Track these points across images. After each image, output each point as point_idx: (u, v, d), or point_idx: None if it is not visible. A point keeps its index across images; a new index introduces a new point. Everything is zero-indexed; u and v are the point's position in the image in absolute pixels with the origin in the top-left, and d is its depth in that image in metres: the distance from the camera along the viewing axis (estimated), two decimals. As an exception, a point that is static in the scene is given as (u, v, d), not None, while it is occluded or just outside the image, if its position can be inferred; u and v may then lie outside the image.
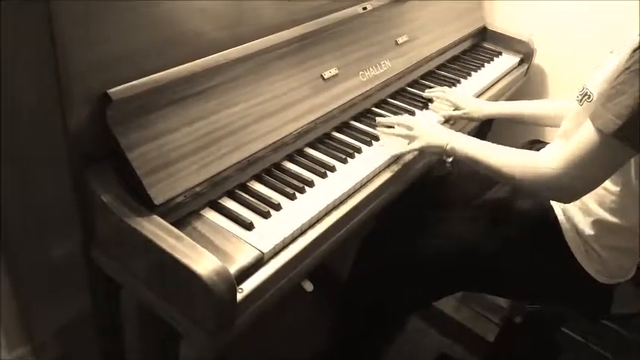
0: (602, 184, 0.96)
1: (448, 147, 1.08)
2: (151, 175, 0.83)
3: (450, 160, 1.14)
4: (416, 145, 1.13)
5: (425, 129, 1.14)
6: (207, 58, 0.93)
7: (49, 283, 1.13)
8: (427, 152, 1.15)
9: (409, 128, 1.16)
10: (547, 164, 0.93)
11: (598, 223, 1.01)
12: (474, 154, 1.05)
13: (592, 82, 0.97)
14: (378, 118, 1.25)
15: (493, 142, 1.06)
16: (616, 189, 0.98)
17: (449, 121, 1.34)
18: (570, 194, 0.95)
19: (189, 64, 0.91)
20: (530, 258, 1.08)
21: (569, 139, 0.92)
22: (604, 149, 0.85)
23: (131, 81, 0.83)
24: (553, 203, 1.06)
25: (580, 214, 1.02)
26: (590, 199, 1.01)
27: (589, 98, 0.97)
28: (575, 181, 0.91)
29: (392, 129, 1.20)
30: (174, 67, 0.89)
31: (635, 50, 0.85)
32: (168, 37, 0.89)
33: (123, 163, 0.82)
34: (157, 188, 0.83)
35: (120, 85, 0.81)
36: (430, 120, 1.28)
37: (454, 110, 1.33)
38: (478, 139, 1.08)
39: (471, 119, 1.34)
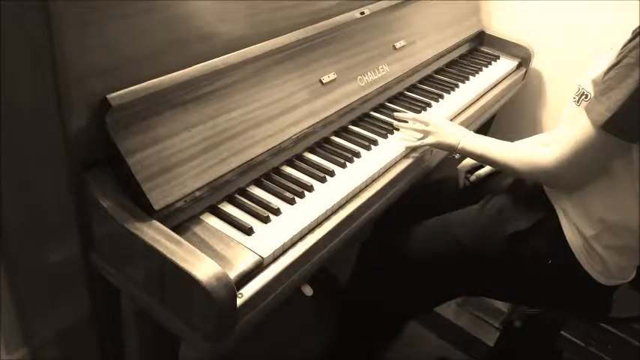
0: (603, 183, 0.97)
1: (459, 146, 1.14)
2: (150, 180, 0.83)
3: (458, 156, 1.19)
4: (429, 140, 1.18)
5: (441, 126, 1.19)
6: (205, 63, 0.93)
7: (48, 287, 1.13)
8: (438, 148, 1.19)
9: (426, 123, 1.20)
10: (545, 157, 0.99)
11: (599, 223, 1.01)
12: (482, 152, 1.11)
13: (587, 81, 0.98)
14: (396, 113, 1.28)
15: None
16: (616, 188, 0.98)
17: None
18: (567, 184, 1.01)
19: (188, 69, 0.91)
20: (532, 260, 1.08)
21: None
22: (597, 141, 0.90)
23: (130, 86, 0.83)
24: (554, 203, 1.07)
25: (581, 214, 1.03)
26: (590, 198, 1.01)
27: (586, 98, 0.98)
28: (571, 172, 0.96)
29: (408, 123, 1.24)
30: (174, 72, 0.89)
31: (625, 45, 0.87)
32: (167, 42, 0.89)
33: (122, 168, 0.82)
34: (157, 193, 0.83)
35: (119, 90, 0.81)
36: (444, 117, 1.31)
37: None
38: (486, 137, 1.14)
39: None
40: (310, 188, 1.02)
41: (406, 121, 1.25)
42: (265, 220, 0.93)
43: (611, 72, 0.89)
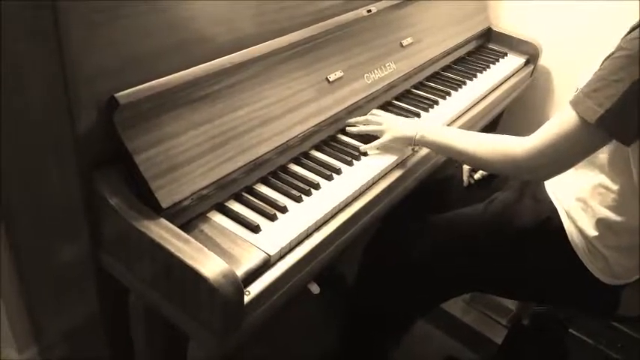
0: (604, 183, 0.97)
1: (417, 136, 1.10)
2: (158, 178, 0.84)
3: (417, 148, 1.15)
4: (386, 137, 1.14)
5: (393, 122, 1.17)
6: (213, 62, 0.94)
7: (57, 286, 1.14)
8: (396, 144, 1.15)
9: (378, 123, 1.18)
10: (518, 145, 0.94)
11: (600, 223, 1.00)
12: (445, 141, 1.07)
13: (583, 81, 0.97)
14: (348, 128, 1.21)
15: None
16: (618, 187, 0.98)
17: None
18: (538, 174, 0.98)
19: (196, 67, 0.91)
20: (535, 258, 1.08)
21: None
22: (582, 135, 0.87)
23: (138, 85, 0.83)
24: (557, 205, 1.06)
25: (583, 214, 1.02)
26: (592, 199, 1.00)
27: None
28: (546, 162, 0.92)
29: (360, 127, 1.19)
30: (181, 71, 0.89)
31: (623, 38, 0.85)
32: (174, 41, 0.90)
33: (130, 166, 0.83)
34: (164, 191, 0.84)
35: (127, 89, 0.82)
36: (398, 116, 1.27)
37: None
38: (446, 127, 1.11)
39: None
40: (317, 186, 1.02)
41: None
42: (272, 217, 0.93)
43: (603, 64, 0.86)
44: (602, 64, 0.87)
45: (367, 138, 1.18)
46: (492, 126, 1.71)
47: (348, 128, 1.21)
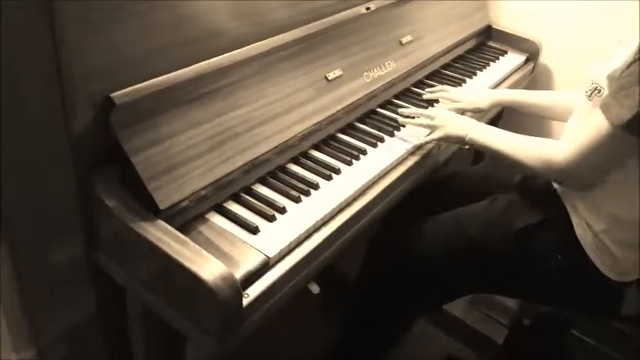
0: (612, 177, 0.96)
1: (467, 137, 1.12)
2: (155, 179, 0.83)
3: (467, 147, 1.17)
4: (436, 135, 1.16)
5: (447, 119, 1.17)
6: (210, 60, 0.93)
7: (54, 286, 1.13)
8: (446, 142, 1.18)
9: (431, 118, 1.19)
10: (558, 153, 0.96)
11: (608, 217, 1.00)
12: (492, 144, 1.09)
13: (600, 76, 0.96)
14: (400, 110, 1.26)
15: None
16: (625, 181, 0.97)
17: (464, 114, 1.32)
18: (579, 182, 0.99)
19: (193, 66, 0.90)
20: (541, 256, 1.07)
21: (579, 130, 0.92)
22: (613, 140, 0.88)
23: (135, 84, 0.82)
24: (564, 200, 1.05)
25: (590, 209, 1.01)
26: (599, 193, 1.00)
27: (599, 92, 0.96)
28: (583, 170, 0.94)
29: (414, 119, 1.22)
30: (178, 70, 0.88)
31: None
32: (171, 40, 0.89)
33: (127, 167, 0.82)
34: (162, 192, 0.83)
35: (124, 88, 0.81)
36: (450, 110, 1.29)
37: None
38: (495, 128, 1.12)
39: (477, 110, 1.34)
40: (316, 186, 1.01)
41: (411, 117, 1.24)
42: (271, 218, 0.92)
43: (630, 68, 0.86)
44: (628, 68, 0.86)
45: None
46: (493, 124, 1.70)
47: (400, 110, 1.26)
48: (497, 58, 1.66)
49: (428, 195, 1.33)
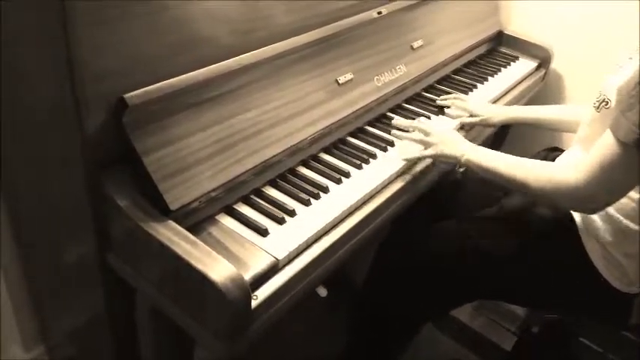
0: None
1: (463, 159, 1.06)
2: (166, 180, 0.83)
3: (462, 169, 1.12)
4: (430, 152, 1.10)
5: (442, 136, 1.11)
6: (222, 63, 0.93)
7: (64, 286, 1.14)
8: (439, 161, 1.12)
9: (426, 133, 1.13)
10: (566, 175, 0.91)
11: (618, 230, 0.99)
12: (490, 167, 1.02)
13: (609, 88, 0.95)
14: (394, 120, 1.23)
15: (510, 149, 1.05)
16: (636, 196, 0.96)
17: (464, 128, 1.32)
18: (593, 205, 0.93)
19: (205, 69, 0.91)
20: (549, 265, 1.06)
21: (588, 147, 0.90)
22: (626, 159, 0.84)
23: (147, 86, 0.83)
24: (572, 211, 1.05)
25: (599, 221, 1.01)
26: (610, 206, 0.99)
27: (607, 105, 0.95)
28: (598, 192, 0.88)
29: (407, 133, 1.18)
30: (190, 72, 0.89)
31: None
32: (183, 42, 0.89)
33: (139, 167, 0.82)
34: (173, 193, 0.83)
35: (136, 90, 0.81)
36: (447, 127, 1.26)
37: (470, 117, 1.32)
38: (493, 151, 1.05)
39: (487, 125, 1.33)
40: (326, 189, 1.01)
41: (405, 130, 1.19)
42: (280, 221, 0.92)
43: (638, 87, 0.82)
44: (636, 85, 0.83)
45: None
46: (502, 131, 1.69)
47: (394, 121, 1.22)
48: (509, 64, 1.65)
49: (437, 200, 1.33)
